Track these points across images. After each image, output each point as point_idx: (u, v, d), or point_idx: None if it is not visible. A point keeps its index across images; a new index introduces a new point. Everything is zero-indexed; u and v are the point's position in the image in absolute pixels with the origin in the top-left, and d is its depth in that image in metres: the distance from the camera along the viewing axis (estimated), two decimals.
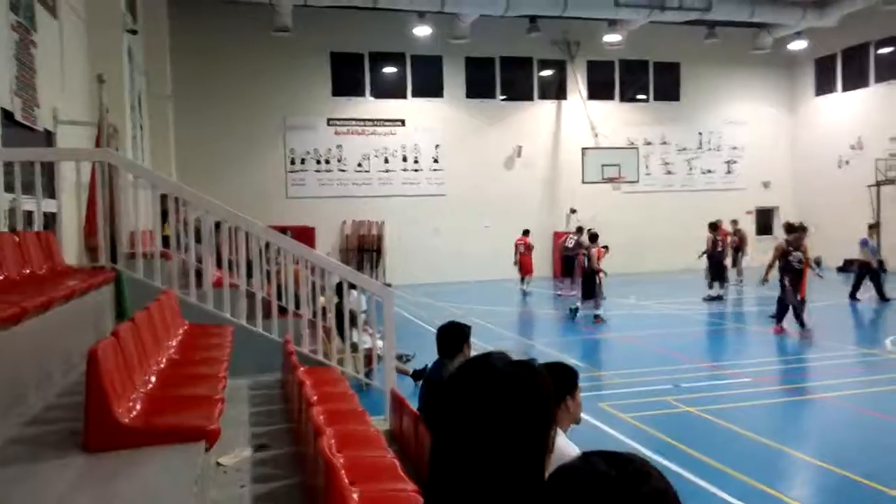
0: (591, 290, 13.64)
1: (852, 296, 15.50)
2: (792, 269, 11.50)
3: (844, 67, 23.93)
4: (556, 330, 14.18)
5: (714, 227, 17.14)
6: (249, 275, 7.27)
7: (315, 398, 4.34)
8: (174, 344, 4.77)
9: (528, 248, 19.15)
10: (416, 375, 8.19)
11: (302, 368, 5.35)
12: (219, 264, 7.62)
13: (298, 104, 21.61)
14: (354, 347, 7.41)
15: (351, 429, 4.08)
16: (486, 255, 22.22)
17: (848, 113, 23.77)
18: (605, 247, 14.55)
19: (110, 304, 6.17)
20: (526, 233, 19.40)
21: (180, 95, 18.21)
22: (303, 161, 21.84)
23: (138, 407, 3.11)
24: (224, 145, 20.62)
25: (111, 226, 6.29)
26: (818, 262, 16.96)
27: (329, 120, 21.97)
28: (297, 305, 7.05)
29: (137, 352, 3.65)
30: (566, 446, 3.22)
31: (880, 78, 22.61)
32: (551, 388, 1.33)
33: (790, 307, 11.58)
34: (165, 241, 7.33)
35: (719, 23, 21.66)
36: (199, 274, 7.06)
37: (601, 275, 13.66)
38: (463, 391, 1.30)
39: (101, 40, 8.89)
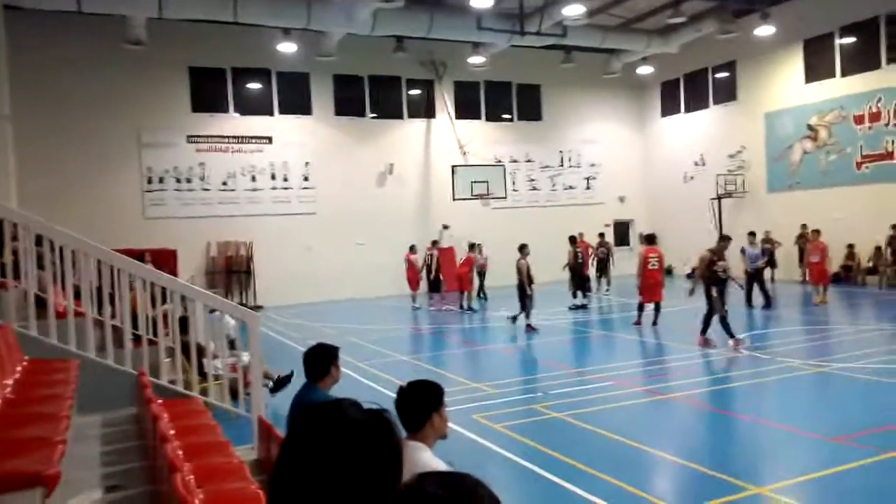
0: (524, 300, 13.81)
1: (748, 303, 16.06)
2: (718, 279, 11.58)
3: (687, 90, 26.04)
4: (430, 345, 14.28)
5: (573, 240, 18.08)
6: (100, 303, 6.77)
7: (172, 432, 4.09)
8: (10, 382, 4.34)
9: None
10: (279, 383, 8.00)
11: (159, 401, 5.04)
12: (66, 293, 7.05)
13: (155, 120, 20.50)
14: (215, 377, 7.08)
15: (212, 462, 3.87)
16: (360, 272, 22.08)
17: (691, 132, 25.87)
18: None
19: None
20: (412, 248, 19.74)
21: (21, 115, 16.71)
22: (161, 180, 20.70)
23: None
24: (73, 165, 19.18)
25: None
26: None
27: (189, 137, 21.01)
28: (154, 333, 6.65)
29: None
30: (431, 461, 3.23)
31: (718, 100, 24.79)
32: (400, 441, 1.29)
33: (713, 318, 11.52)
34: (3, 269, 6.70)
35: (574, 48, 22.91)
36: (43, 304, 6.49)
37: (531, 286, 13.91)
38: (311, 438, 1.23)
39: None
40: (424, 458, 3.18)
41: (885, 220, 18.99)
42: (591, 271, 20.00)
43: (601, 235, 21.63)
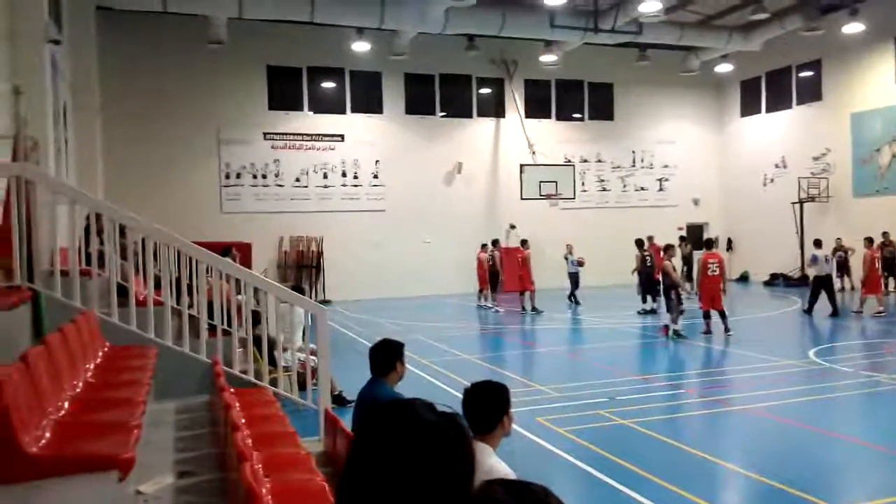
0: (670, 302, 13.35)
1: (808, 311, 15.72)
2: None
3: (768, 90, 25.04)
4: (493, 344, 14.24)
5: (641, 243, 17.57)
6: (178, 293, 7.04)
7: (242, 421, 4.20)
8: (92, 367, 4.56)
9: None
10: (337, 400, 7.97)
11: (231, 390, 5.19)
12: (147, 282, 7.36)
13: (233, 118, 21.20)
14: (285, 369, 7.24)
15: (279, 452, 3.97)
16: (426, 270, 22.23)
17: (772, 133, 24.86)
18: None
19: (28, 324, 5.87)
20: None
21: (109, 108, 17.63)
22: (238, 175, 21.40)
23: (48, 435, 2.94)
24: (155, 159, 20.04)
25: (28, 243, 5.98)
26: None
27: (266, 134, 21.64)
28: (229, 324, 6.86)
29: (49, 376, 3.46)
30: (496, 465, 3.20)
31: (801, 100, 23.75)
32: (472, 445, 1.27)
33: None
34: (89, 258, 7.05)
35: (650, 45, 22.38)
36: (125, 292, 6.80)
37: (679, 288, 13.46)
38: (383, 438, 1.22)
39: (21, 50, 8.49)
40: (490, 461, 3.16)
41: None
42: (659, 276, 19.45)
43: (682, 239, 20.92)
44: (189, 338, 6.61)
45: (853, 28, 19.53)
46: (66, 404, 3.50)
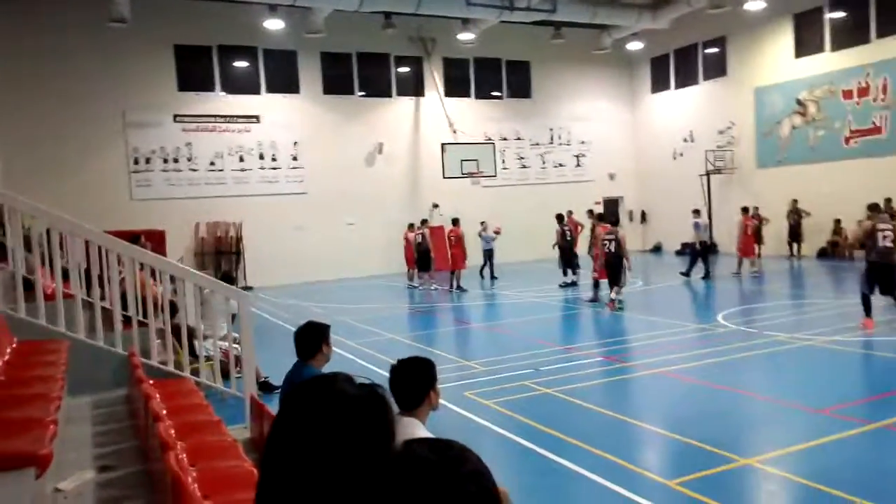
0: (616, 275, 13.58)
1: (686, 273, 17.19)
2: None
3: (677, 66, 25.96)
4: (421, 323, 14.34)
5: (560, 218, 18.09)
6: (89, 285, 6.75)
7: (164, 412, 4.10)
8: (1, 364, 4.33)
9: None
10: (264, 386, 7.91)
11: (150, 382, 5.04)
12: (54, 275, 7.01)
13: (140, 100, 20.25)
14: (207, 358, 7.09)
15: (204, 440, 3.89)
16: (350, 252, 22.07)
17: (681, 108, 25.83)
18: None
19: None
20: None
21: (5, 93, 16.55)
22: (148, 160, 20.52)
23: None
24: (57, 146, 18.95)
25: None
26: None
27: (176, 116, 20.81)
28: (145, 315, 6.64)
29: None
30: (426, 437, 3.25)
31: (708, 76, 24.74)
32: (393, 417, 1.29)
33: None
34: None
35: (564, 24, 22.75)
36: (32, 286, 6.46)
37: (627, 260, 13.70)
38: (303, 412, 1.23)
39: None
40: (419, 433, 3.21)
41: (873, 196, 19.06)
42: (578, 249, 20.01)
43: (591, 214, 21.57)
44: (103, 330, 6.36)
45: (755, 5, 20.41)
46: None
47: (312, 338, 4.72)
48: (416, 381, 3.34)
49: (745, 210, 18.23)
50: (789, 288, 16.25)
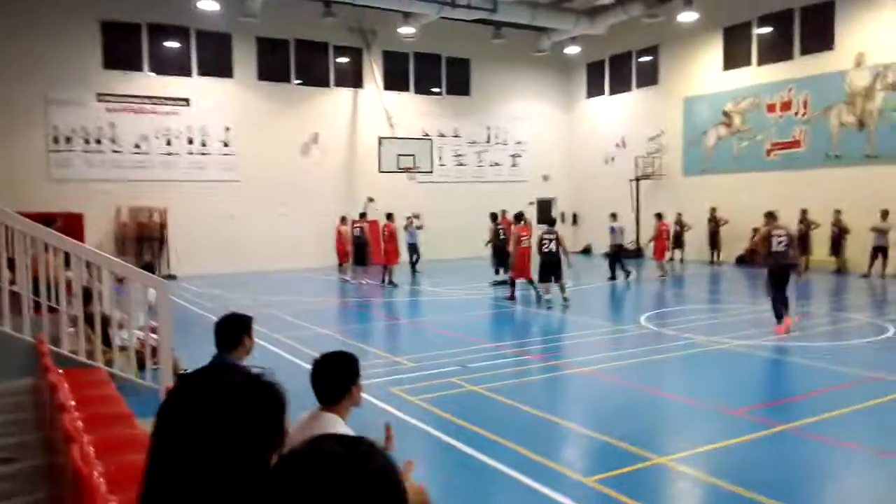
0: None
1: (612, 277, 17.85)
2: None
3: (611, 72, 26.58)
4: (351, 318, 14.20)
5: (494, 217, 18.31)
6: None
7: (71, 403, 3.89)
8: None
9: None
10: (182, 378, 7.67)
11: (58, 371, 4.79)
12: None
13: (63, 77, 19.30)
14: (122, 348, 6.80)
15: (113, 433, 3.72)
16: (283, 243, 21.66)
17: (614, 114, 26.47)
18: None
19: None
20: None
21: None
22: (69, 140, 19.57)
23: None
24: None
25: None
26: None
27: (99, 95, 19.92)
28: (57, 301, 6.31)
29: None
30: (345, 432, 3.21)
31: (641, 83, 25.43)
32: (283, 405, 1.25)
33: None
34: None
35: (505, 24, 22.94)
36: None
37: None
38: (186, 402, 1.20)
39: None
40: (338, 429, 3.16)
41: (789, 206, 20.02)
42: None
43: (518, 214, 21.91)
44: (11, 316, 6.02)
45: (687, 17, 21.09)
46: None
47: (233, 329, 4.58)
48: (337, 376, 3.30)
49: (658, 216, 19.10)
50: (708, 293, 16.87)
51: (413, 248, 19.75)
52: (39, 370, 5.09)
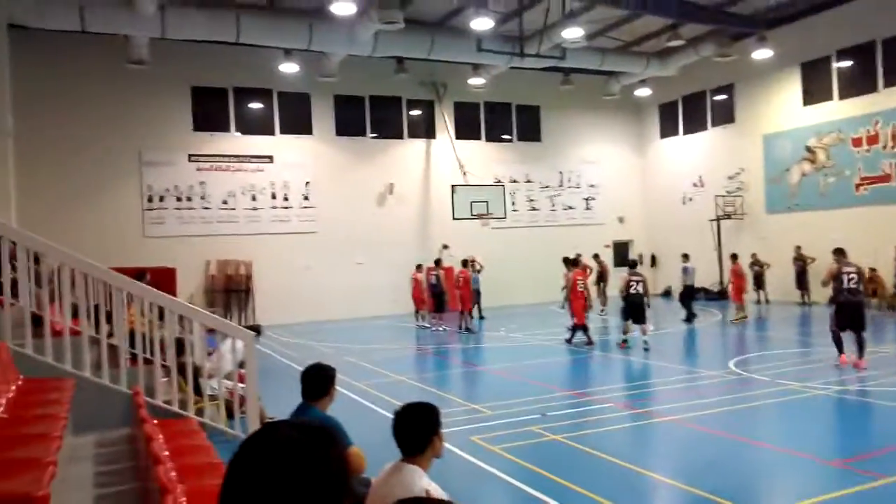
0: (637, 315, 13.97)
1: (688, 319, 17.47)
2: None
3: (685, 112, 26.20)
4: (429, 365, 14.24)
5: (568, 261, 18.04)
6: (97, 322, 6.76)
7: (165, 453, 4.06)
8: (3, 402, 4.32)
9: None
10: None
11: (153, 422, 5.01)
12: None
13: (156, 139, 20.61)
14: (212, 398, 7.05)
15: (204, 484, 3.84)
16: (360, 292, 22.08)
17: (689, 154, 25.98)
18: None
19: None
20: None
21: (23, 131, 16.86)
22: (161, 198, 20.77)
23: None
24: (74, 183, 19.26)
25: None
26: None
27: (190, 156, 21.12)
28: (151, 353, 6.63)
29: None
30: (427, 485, 3.21)
31: (716, 122, 24.94)
32: (345, 461, 1.27)
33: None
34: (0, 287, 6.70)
35: (573, 70, 23.09)
36: (41, 322, 6.49)
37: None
38: (246, 461, 1.21)
39: None
40: (421, 483, 3.17)
41: (884, 242, 19.00)
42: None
43: (596, 256, 21.77)
44: (108, 368, 6.35)
45: (762, 54, 20.68)
46: None
47: (320, 380, 4.70)
48: (419, 427, 3.32)
49: (733, 257, 18.58)
50: (798, 335, 16.06)
51: (476, 293, 19.69)
52: (136, 421, 5.33)
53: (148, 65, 18.79)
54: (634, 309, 13.90)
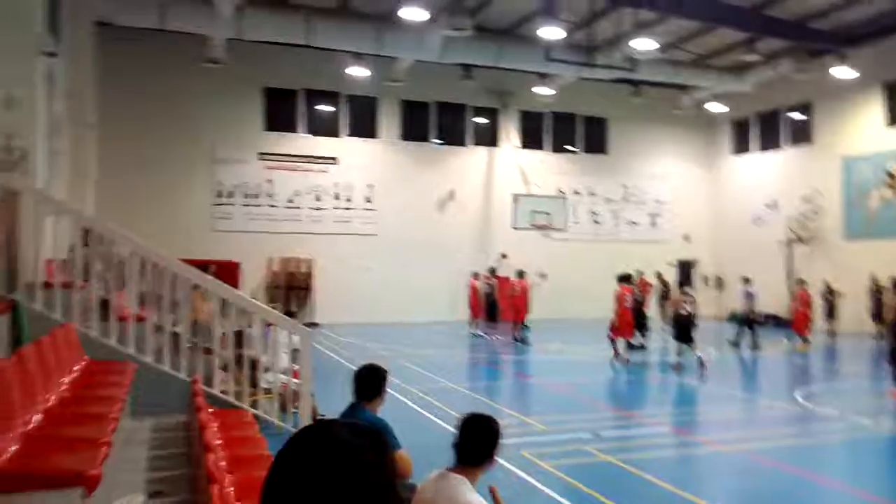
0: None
1: (754, 346, 16.48)
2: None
3: (758, 130, 25.34)
4: (481, 374, 14.12)
5: (626, 278, 17.55)
6: (163, 310, 6.93)
7: (217, 442, 4.10)
8: (67, 381, 4.45)
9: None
10: None
11: (209, 410, 5.08)
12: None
13: (229, 137, 21.22)
14: (266, 391, 7.14)
15: (254, 476, 3.85)
16: (416, 296, 22.13)
17: (762, 173, 25.09)
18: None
19: (5, 336, 5.75)
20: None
21: (105, 123, 17.60)
22: (231, 195, 21.35)
23: (13, 449, 2.84)
24: (149, 175, 19.98)
25: (10, 253, 5.89)
26: None
27: (260, 154, 21.66)
28: (211, 343, 6.76)
29: (22, 389, 3.36)
30: (472, 499, 3.13)
31: (792, 142, 24.02)
32: (393, 466, 1.21)
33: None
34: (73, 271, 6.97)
35: (644, 82, 22.66)
36: (108, 307, 6.71)
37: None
38: (295, 458, 1.16)
39: (13, 61, 8.41)
40: (468, 496, 3.10)
41: None
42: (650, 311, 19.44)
43: (658, 275, 21.13)
44: (170, 355, 6.50)
45: (842, 73, 19.82)
46: (38, 418, 3.40)
47: (373, 381, 4.68)
48: (484, 439, 3.30)
49: (799, 282, 17.80)
50: (873, 369, 15.23)
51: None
52: (192, 408, 5.43)
53: (223, 64, 19.36)
54: (684, 330, 13.54)
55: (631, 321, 14.53)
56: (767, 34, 19.17)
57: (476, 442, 3.24)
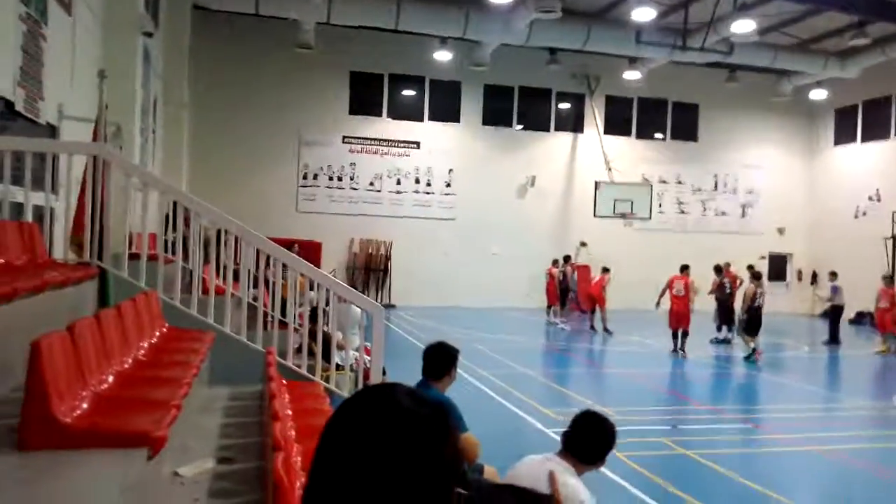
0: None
1: (834, 341, 16.36)
2: None
3: (865, 119, 23.70)
4: (556, 362, 13.89)
5: (719, 269, 16.90)
6: (248, 284, 7.11)
7: (287, 412, 4.13)
8: (146, 345, 4.59)
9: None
10: None
11: (282, 381, 5.15)
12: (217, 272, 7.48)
13: (315, 120, 21.64)
14: (339, 367, 7.21)
15: None
16: (493, 281, 22.01)
17: (867, 164, 23.48)
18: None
19: (93, 301, 6.01)
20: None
21: (197, 102, 18.28)
22: (315, 176, 21.81)
23: (84, 406, 2.92)
24: (238, 155, 20.65)
25: (100, 223, 6.15)
26: None
27: (345, 137, 21.98)
28: (288, 317, 6.88)
29: (98, 350, 3.47)
30: (577, 487, 3.08)
31: None
32: (458, 445, 1.10)
33: None
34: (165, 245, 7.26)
35: (740, 67, 21.57)
36: (191, 278, 6.93)
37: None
38: (353, 421, 1.06)
39: (114, 39, 8.81)
40: (573, 483, 3.05)
41: None
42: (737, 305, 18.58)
43: (750, 267, 20.05)
44: (247, 327, 6.65)
45: None
46: (111, 378, 3.50)
47: (443, 359, 4.62)
48: (600, 441, 3.29)
49: (887, 279, 16.65)
50: None
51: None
52: (266, 378, 5.52)
53: (313, 49, 19.71)
54: (755, 322, 13.29)
55: (678, 312, 14.12)
56: (880, 17, 17.81)
57: (590, 440, 3.23)
